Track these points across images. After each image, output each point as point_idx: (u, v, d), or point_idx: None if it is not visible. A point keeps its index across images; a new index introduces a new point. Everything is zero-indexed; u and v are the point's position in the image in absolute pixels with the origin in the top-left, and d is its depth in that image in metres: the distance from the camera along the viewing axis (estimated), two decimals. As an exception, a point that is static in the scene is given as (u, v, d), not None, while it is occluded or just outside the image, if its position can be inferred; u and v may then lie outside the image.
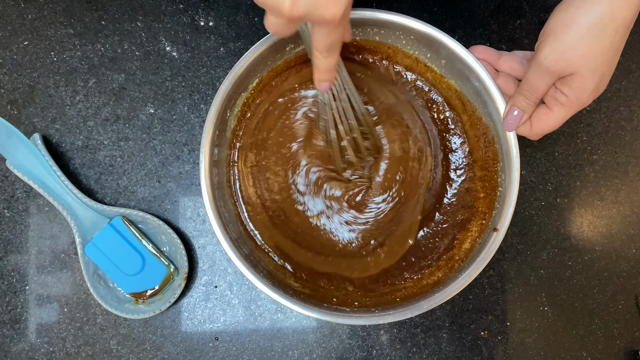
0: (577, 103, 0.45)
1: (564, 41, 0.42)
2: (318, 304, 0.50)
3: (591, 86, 0.43)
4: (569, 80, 0.43)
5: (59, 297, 0.59)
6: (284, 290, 0.49)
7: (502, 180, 0.52)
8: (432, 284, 0.53)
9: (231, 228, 0.52)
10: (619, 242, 0.61)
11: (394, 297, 0.53)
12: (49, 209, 0.59)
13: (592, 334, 0.61)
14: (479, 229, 0.54)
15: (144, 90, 0.60)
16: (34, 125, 0.60)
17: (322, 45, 0.40)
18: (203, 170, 0.50)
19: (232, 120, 0.54)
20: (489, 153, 0.54)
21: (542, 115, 0.47)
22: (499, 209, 0.51)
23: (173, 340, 0.59)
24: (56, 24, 0.60)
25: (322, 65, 0.43)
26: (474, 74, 0.51)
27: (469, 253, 0.52)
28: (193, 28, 0.61)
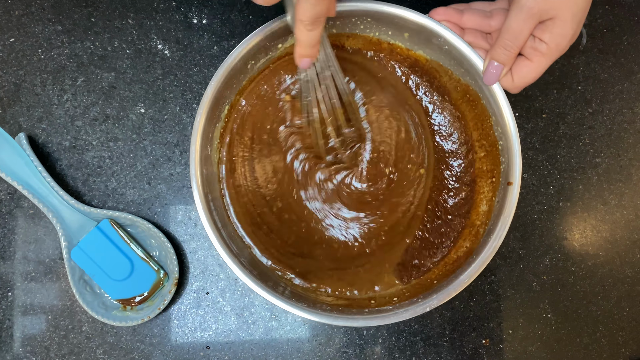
0: (556, 50, 0.44)
1: None
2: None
3: (571, 31, 0.43)
4: (550, 25, 0.43)
5: (43, 304, 0.56)
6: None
7: (499, 133, 0.50)
8: (464, 256, 0.50)
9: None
10: (623, 247, 0.60)
11: (430, 280, 0.51)
12: (34, 212, 0.57)
13: (596, 342, 0.59)
14: (491, 188, 0.52)
15: (135, 90, 0.58)
16: (19, 125, 0.57)
17: (307, 17, 0.38)
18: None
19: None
20: (477, 110, 0.52)
21: (522, 67, 0.46)
22: (505, 162, 0.49)
23: (162, 349, 0.57)
24: (44, 20, 0.58)
25: (305, 39, 0.41)
26: (440, 37, 0.49)
27: (489, 215, 0.50)
28: (186, 26, 0.59)
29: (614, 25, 0.62)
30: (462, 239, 0.53)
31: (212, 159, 0.51)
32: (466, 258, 0.49)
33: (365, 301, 0.51)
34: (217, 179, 0.52)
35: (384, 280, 0.53)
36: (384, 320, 0.46)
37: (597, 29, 0.61)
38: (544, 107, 0.61)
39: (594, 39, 0.61)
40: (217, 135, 0.52)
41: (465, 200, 0.54)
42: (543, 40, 0.44)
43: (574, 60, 0.61)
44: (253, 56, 0.51)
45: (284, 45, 0.52)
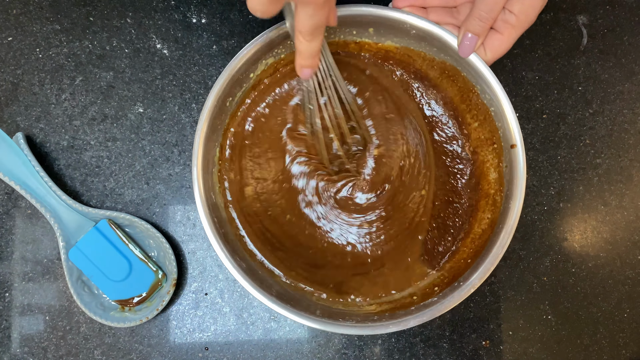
0: (525, 21, 0.45)
1: None
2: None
3: (540, 2, 0.44)
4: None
5: (40, 304, 0.56)
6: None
7: (488, 100, 0.50)
8: (489, 227, 0.50)
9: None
10: (623, 248, 0.60)
11: (464, 260, 0.51)
12: (31, 212, 0.57)
13: (596, 344, 0.59)
14: (495, 154, 0.51)
15: (133, 89, 0.58)
16: (16, 124, 0.57)
17: (306, 27, 0.38)
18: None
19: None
20: (460, 84, 0.52)
21: (494, 41, 0.47)
22: (502, 126, 0.49)
23: (161, 350, 0.56)
24: (42, 19, 0.58)
25: (305, 50, 0.41)
26: (405, 24, 0.49)
27: (501, 181, 0.50)
28: (185, 25, 0.59)
29: (614, 26, 0.61)
30: (481, 211, 0.52)
31: (215, 190, 0.51)
32: (492, 229, 0.49)
33: (407, 299, 0.51)
34: (223, 204, 0.52)
35: (416, 272, 0.53)
36: (434, 313, 0.46)
37: (597, 30, 0.61)
38: (545, 107, 0.60)
39: (594, 39, 0.61)
40: (217, 154, 0.52)
41: (471, 175, 0.54)
42: (512, 12, 0.45)
43: (574, 60, 0.61)
44: (250, 67, 0.50)
45: (279, 56, 0.52)
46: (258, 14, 0.37)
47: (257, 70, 0.51)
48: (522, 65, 0.60)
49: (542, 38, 0.61)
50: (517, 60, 0.60)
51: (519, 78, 0.60)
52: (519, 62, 0.60)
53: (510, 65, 0.60)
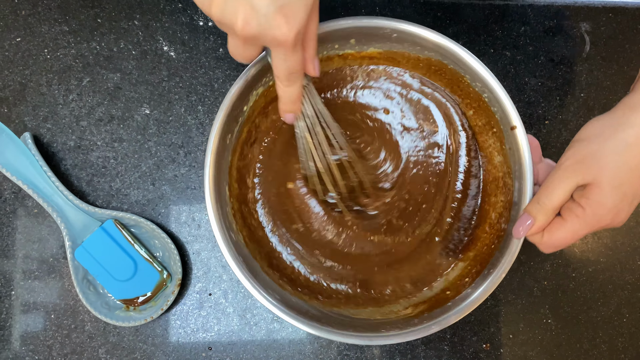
0: (593, 217, 0.41)
1: (587, 147, 0.41)
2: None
3: (610, 202, 0.40)
4: (588, 191, 0.41)
5: (46, 303, 0.57)
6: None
7: (480, 88, 0.50)
8: (506, 210, 0.51)
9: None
10: (623, 253, 0.60)
11: (487, 247, 0.52)
12: (37, 211, 0.57)
13: (596, 348, 0.59)
14: (496, 138, 0.52)
15: (140, 91, 0.59)
16: (24, 124, 0.58)
17: (281, 71, 0.39)
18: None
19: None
20: (448, 76, 0.53)
21: (554, 225, 0.43)
22: (499, 110, 0.50)
23: (164, 350, 0.57)
24: (50, 20, 0.59)
25: (284, 95, 0.41)
26: (384, 29, 0.50)
27: (508, 162, 0.51)
28: (192, 28, 0.59)
29: (617, 33, 0.62)
30: (493, 195, 0.53)
31: (233, 229, 0.51)
32: (509, 212, 0.50)
33: (442, 295, 0.52)
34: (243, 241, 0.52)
35: (442, 264, 0.54)
36: (471, 305, 0.47)
37: (600, 37, 0.62)
38: (547, 113, 0.61)
39: (597, 46, 0.62)
40: (228, 193, 0.52)
41: (474, 162, 0.55)
42: (580, 205, 0.42)
43: (576, 67, 0.62)
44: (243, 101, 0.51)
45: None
46: (238, 58, 0.38)
47: (250, 102, 0.52)
48: (525, 71, 0.61)
49: (545, 45, 0.61)
50: (520, 67, 0.61)
51: (521, 84, 0.61)
52: (522, 69, 0.61)
53: (514, 71, 0.61)
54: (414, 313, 0.51)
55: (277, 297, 0.48)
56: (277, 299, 0.47)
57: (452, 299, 0.49)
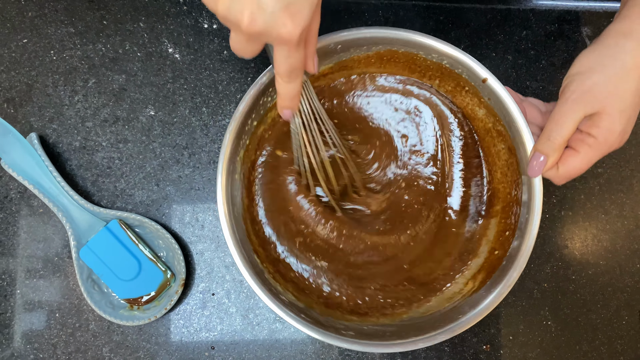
0: (605, 144, 0.43)
1: (590, 79, 0.42)
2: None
3: (619, 127, 0.42)
4: (597, 120, 0.42)
5: (50, 302, 0.57)
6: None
7: (436, 57, 0.51)
8: (510, 156, 0.52)
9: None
10: (623, 256, 0.61)
11: (509, 194, 0.53)
12: (43, 211, 0.58)
13: (595, 350, 0.60)
14: (472, 95, 0.53)
15: (145, 92, 0.59)
16: (30, 125, 0.58)
17: (283, 68, 0.39)
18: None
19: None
20: (402, 60, 0.53)
21: (568, 157, 0.45)
22: (463, 70, 0.51)
23: (168, 349, 0.57)
24: (57, 22, 0.59)
25: (283, 92, 0.42)
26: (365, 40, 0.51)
27: (491, 110, 0.52)
28: (196, 30, 0.60)
29: (618, 38, 0.62)
30: (492, 145, 0.54)
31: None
32: (515, 155, 0.51)
33: (492, 257, 0.52)
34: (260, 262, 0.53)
35: (475, 229, 0.55)
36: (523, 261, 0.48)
37: (601, 41, 0.62)
38: (548, 117, 0.61)
39: (598, 50, 0.62)
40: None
41: (466, 128, 0.56)
42: (591, 134, 0.43)
43: (578, 71, 0.62)
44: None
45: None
46: (240, 53, 0.38)
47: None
48: (527, 75, 0.62)
49: (547, 49, 0.62)
50: (522, 71, 0.62)
51: (523, 88, 0.61)
52: (523, 72, 0.62)
53: (515, 75, 0.62)
54: (476, 285, 0.51)
55: (304, 311, 0.49)
56: (301, 312, 0.48)
57: (504, 258, 0.50)
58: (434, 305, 0.53)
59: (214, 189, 0.59)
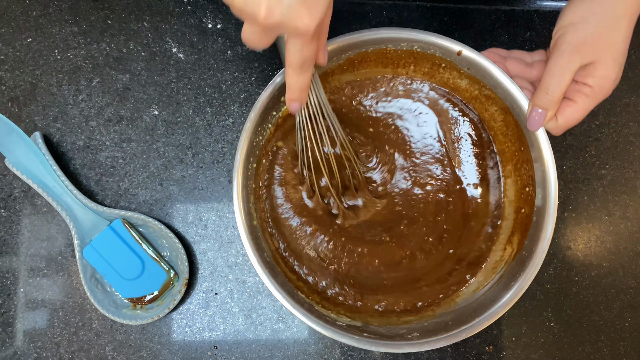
0: (600, 92, 0.45)
1: (584, 29, 0.43)
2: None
3: (613, 74, 0.44)
4: (591, 69, 0.44)
5: (53, 300, 0.57)
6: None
7: (404, 46, 0.51)
8: (512, 123, 0.52)
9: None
10: (626, 258, 0.61)
11: (517, 144, 0.53)
12: (46, 210, 0.58)
13: (598, 352, 0.60)
14: (451, 69, 0.53)
15: (149, 92, 0.59)
16: (34, 124, 0.58)
17: (295, 60, 0.39)
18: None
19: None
20: (373, 57, 0.53)
21: (566, 108, 0.46)
22: (435, 50, 0.51)
23: (170, 348, 0.57)
24: (61, 21, 0.59)
25: (294, 84, 0.42)
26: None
27: (474, 78, 0.52)
28: (200, 30, 0.60)
29: (622, 39, 0.62)
30: (484, 111, 0.55)
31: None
32: (511, 115, 0.51)
33: (521, 216, 0.52)
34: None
35: (495, 192, 0.55)
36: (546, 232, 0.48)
37: (605, 43, 0.62)
38: (552, 118, 0.61)
39: (602, 52, 0.62)
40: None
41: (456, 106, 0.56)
42: (587, 84, 0.44)
43: (582, 72, 0.62)
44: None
45: None
46: (252, 45, 0.38)
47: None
48: (531, 76, 0.62)
49: (551, 50, 0.62)
50: (526, 71, 0.62)
51: (527, 89, 0.61)
52: (527, 73, 0.62)
53: (519, 76, 0.62)
54: (515, 247, 0.51)
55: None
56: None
57: (532, 214, 0.50)
58: (481, 280, 0.53)
59: (217, 188, 0.59)
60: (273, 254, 0.52)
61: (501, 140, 0.55)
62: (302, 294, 0.51)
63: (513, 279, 0.49)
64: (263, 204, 0.54)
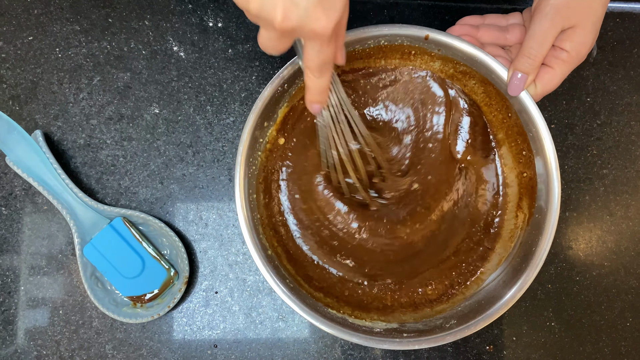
0: (577, 57, 0.45)
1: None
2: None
3: (590, 40, 0.45)
4: (570, 34, 0.44)
5: (54, 298, 0.57)
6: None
7: (371, 42, 0.51)
8: (485, 85, 0.52)
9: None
10: (628, 258, 0.60)
11: (506, 112, 0.53)
12: (47, 208, 0.58)
13: (599, 352, 0.60)
14: (421, 54, 0.53)
15: (150, 90, 0.59)
16: (35, 122, 0.58)
17: (314, 63, 0.39)
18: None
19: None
20: (377, 54, 0.53)
21: (544, 75, 0.47)
22: (402, 40, 0.51)
23: (170, 347, 0.57)
24: (62, 20, 0.59)
25: (313, 86, 0.42)
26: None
27: (447, 58, 0.52)
28: (201, 28, 0.60)
29: (624, 39, 0.62)
30: (462, 85, 0.54)
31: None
32: (492, 86, 0.51)
33: (524, 180, 0.53)
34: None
35: (490, 158, 0.55)
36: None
37: (607, 42, 0.62)
38: (553, 117, 0.61)
39: (604, 51, 0.62)
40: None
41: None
42: (564, 49, 0.45)
43: (583, 72, 0.62)
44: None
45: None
46: (269, 51, 0.38)
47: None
48: (532, 75, 0.61)
49: (552, 49, 0.62)
50: (527, 70, 0.61)
51: (528, 88, 0.61)
52: (528, 72, 0.61)
53: (520, 75, 0.61)
54: (527, 212, 0.51)
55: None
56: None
57: (535, 177, 0.50)
58: (501, 252, 0.53)
59: (218, 187, 0.59)
60: (295, 274, 0.53)
61: (486, 111, 0.55)
62: (332, 310, 0.51)
63: (534, 244, 0.49)
64: (277, 206, 0.54)
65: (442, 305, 0.53)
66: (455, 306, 0.52)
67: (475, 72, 0.51)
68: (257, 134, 0.51)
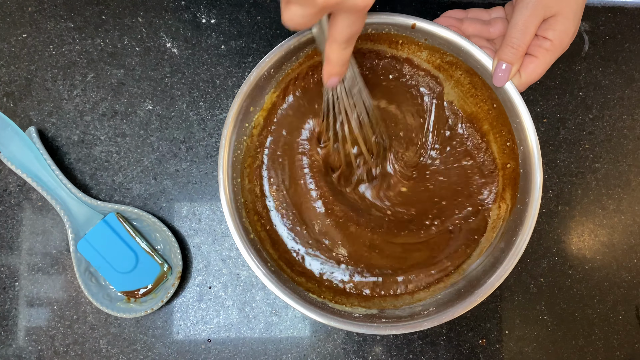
0: (560, 46, 0.46)
1: None
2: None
3: (572, 28, 0.45)
4: (552, 23, 0.45)
5: (49, 294, 0.58)
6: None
7: (388, 30, 0.52)
8: (471, 77, 0.52)
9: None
10: (620, 251, 0.61)
11: (488, 103, 0.53)
12: (42, 204, 0.58)
13: (591, 345, 0.60)
14: (409, 44, 0.53)
15: (143, 86, 0.60)
16: (29, 119, 0.59)
17: (343, 35, 0.39)
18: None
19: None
20: (364, 41, 0.54)
21: (528, 64, 0.47)
22: (389, 28, 0.51)
23: (164, 341, 0.58)
24: (56, 17, 0.60)
25: (336, 58, 0.42)
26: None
27: (434, 48, 0.52)
28: (194, 25, 0.60)
29: (616, 33, 0.62)
30: (450, 79, 0.55)
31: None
32: (477, 76, 0.51)
33: (507, 171, 0.53)
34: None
35: (475, 153, 0.55)
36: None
37: (599, 36, 0.62)
38: (545, 112, 0.61)
39: (596, 45, 0.62)
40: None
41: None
42: (547, 38, 0.45)
43: (575, 66, 0.62)
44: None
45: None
46: (298, 26, 0.37)
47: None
48: (524, 70, 0.62)
49: (544, 44, 0.62)
50: (519, 65, 0.62)
51: (520, 82, 0.61)
52: (520, 67, 0.62)
53: (512, 69, 0.62)
54: (509, 203, 0.52)
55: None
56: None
57: (518, 167, 0.50)
58: (483, 242, 0.54)
59: (211, 182, 0.59)
60: (278, 259, 0.53)
61: (472, 102, 0.55)
62: (313, 294, 0.51)
63: (514, 234, 0.49)
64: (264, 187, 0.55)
65: (422, 293, 0.53)
66: (435, 294, 0.52)
67: (462, 62, 0.51)
68: (243, 118, 0.51)
